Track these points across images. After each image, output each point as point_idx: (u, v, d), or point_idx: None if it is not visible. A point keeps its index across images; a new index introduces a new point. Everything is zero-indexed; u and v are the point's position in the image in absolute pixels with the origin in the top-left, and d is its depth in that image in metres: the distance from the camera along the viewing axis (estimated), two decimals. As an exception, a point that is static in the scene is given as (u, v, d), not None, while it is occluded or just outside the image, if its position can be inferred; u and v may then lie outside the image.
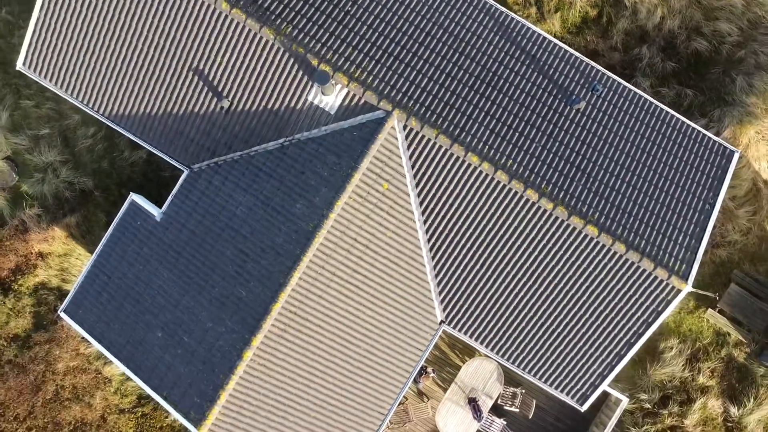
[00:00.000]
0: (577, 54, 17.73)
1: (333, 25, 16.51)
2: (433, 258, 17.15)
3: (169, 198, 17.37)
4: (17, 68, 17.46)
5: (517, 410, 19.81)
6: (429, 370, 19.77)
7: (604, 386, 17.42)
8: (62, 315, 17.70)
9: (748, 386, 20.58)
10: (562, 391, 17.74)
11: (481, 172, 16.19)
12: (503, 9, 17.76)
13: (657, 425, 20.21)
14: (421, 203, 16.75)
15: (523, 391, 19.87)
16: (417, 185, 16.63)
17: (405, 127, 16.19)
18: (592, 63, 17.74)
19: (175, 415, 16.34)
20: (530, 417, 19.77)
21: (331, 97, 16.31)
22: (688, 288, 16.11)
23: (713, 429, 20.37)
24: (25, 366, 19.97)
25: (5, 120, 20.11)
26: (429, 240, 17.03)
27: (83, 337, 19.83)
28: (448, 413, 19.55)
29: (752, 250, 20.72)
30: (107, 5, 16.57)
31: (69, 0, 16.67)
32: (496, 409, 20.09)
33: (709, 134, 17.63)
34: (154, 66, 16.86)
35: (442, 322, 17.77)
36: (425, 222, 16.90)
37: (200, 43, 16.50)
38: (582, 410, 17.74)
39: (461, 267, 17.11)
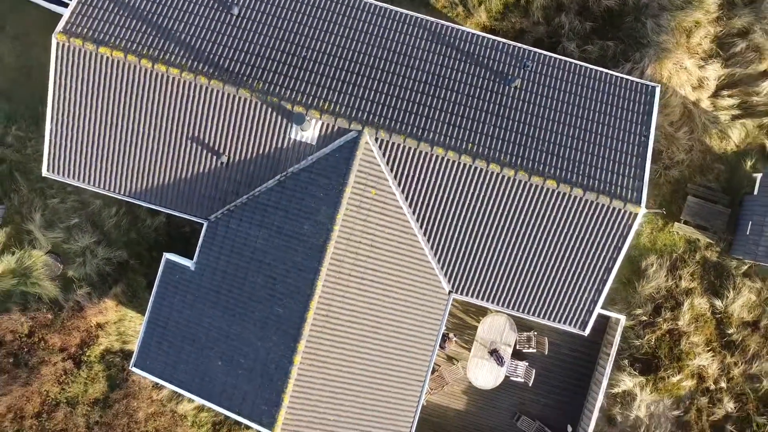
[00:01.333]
0: (504, 40, 20.71)
1: (295, 72, 19.47)
2: (428, 241, 20.11)
3: (198, 248, 20.33)
4: (43, 175, 20.43)
5: (534, 350, 22.77)
6: (451, 335, 22.76)
7: (597, 310, 20.35)
8: (134, 369, 20.66)
9: (725, 280, 23.54)
10: (564, 323, 20.68)
11: (449, 160, 19.15)
12: (434, 20, 20.71)
13: (656, 333, 23.18)
14: (406, 198, 19.70)
15: (535, 333, 22.83)
16: (399, 184, 19.59)
17: (377, 139, 19.16)
18: (518, 44, 20.72)
19: (251, 424, 19.29)
20: (546, 353, 22.74)
21: (310, 132, 19.28)
22: (642, 211, 19.05)
23: (704, 323, 23.33)
24: (111, 423, 22.96)
25: (39, 220, 23.08)
26: (421, 227, 19.98)
27: (155, 384, 22.82)
28: (477, 368, 22.52)
29: (698, 163, 23.69)
30: (108, 107, 19.51)
31: (74, 108, 19.62)
32: (517, 355, 23.04)
33: (630, 77, 20.59)
34: (157, 143, 19.81)
35: (450, 292, 20.73)
36: (414, 212, 19.84)
37: (192, 115, 19.44)
38: (585, 335, 20.68)
39: (454, 242, 20.06)
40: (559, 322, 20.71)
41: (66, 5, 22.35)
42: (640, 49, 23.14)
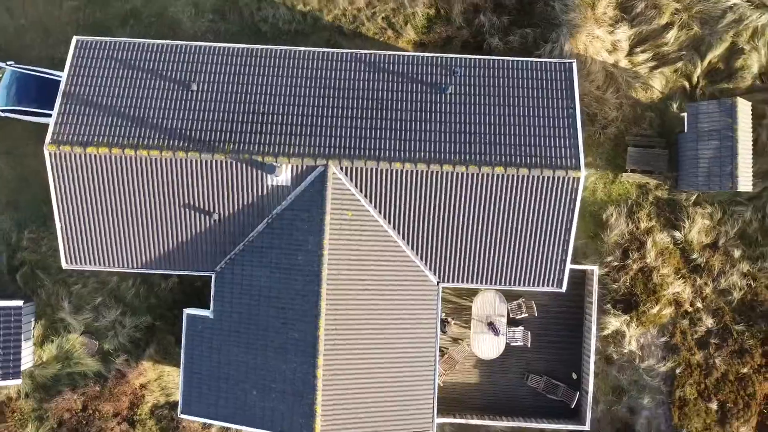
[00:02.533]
0: (431, 54, 23.39)
1: (258, 127, 22.12)
2: (408, 243, 22.76)
3: (212, 299, 23.00)
4: (63, 268, 23.11)
5: (526, 315, 25.41)
6: (449, 320, 25.42)
7: (568, 267, 22.96)
8: (182, 416, 23.35)
9: (679, 212, 26.19)
10: (543, 285, 23.29)
11: (408, 171, 21.80)
12: (369, 51, 23.32)
13: (629, 274, 25.82)
14: (380, 211, 22.36)
15: (523, 299, 25.47)
16: (371, 201, 22.24)
17: (342, 168, 21.82)
18: (444, 55, 23.38)
19: (294, 438, 21.95)
20: (536, 315, 25.38)
21: (283, 176, 21.94)
22: (583, 173, 21.69)
23: (669, 255, 25.97)
24: (175, 467, 25.71)
25: (68, 307, 25.77)
26: (399, 232, 22.62)
27: (203, 425, 25.52)
28: (480, 342, 25.15)
29: (631, 116, 26.32)
30: (106, 195, 22.16)
31: (78, 204, 22.28)
32: (513, 322, 25.66)
33: (547, 59, 23.22)
34: (156, 216, 22.44)
35: (438, 282, 23.38)
36: (390, 222, 22.50)
37: (179, 185, 22.09)
38: (564, 291, 23.29)
39: (430, 239, 22.70)
40: (539, 285, 23.32)
41: (41, 115, 24.96)
42: (555, 29, 25.77)
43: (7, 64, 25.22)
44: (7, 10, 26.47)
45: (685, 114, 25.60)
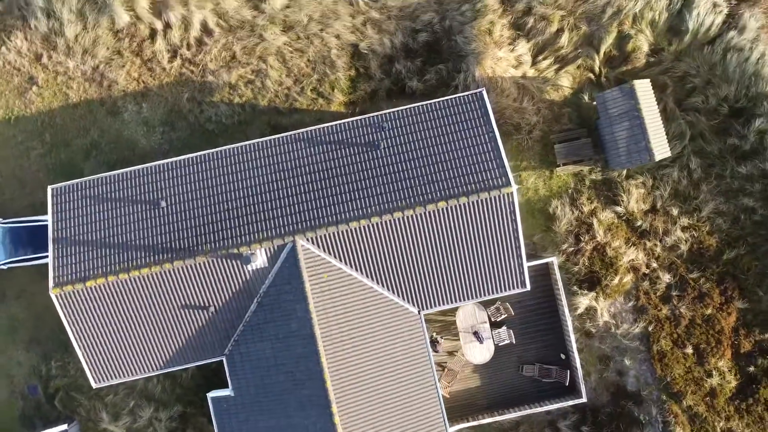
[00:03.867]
0: (359, 117, 26.24)
1: (227, 224, 25.01)
2: (383, 285, 25.62)
3: (228, 379, 25.88)
4: (94, 387, 26.01)
5: (506, 315, 28.27)
6: (438, 339, 28.28)
7: (525, 267, 25.76)
8: (231, 486, 26.25)
9: (615, 188, 29.04)
10: (511, 289, 26.12)
11: (366, 226, 24.66)
12: (306, 129, 26.11)
13: (585, 255, 28.68)
14: (351, 265, 25.22)
15: (499, 303, 28.32)
16: (341, 259, 25.11)
17: (308, 239, 24.71)
18: (370, 115, 26.24)
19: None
20: (514, 314, 28.24)
21: (259, 259, 24.81)
22: (514, 188, 24.55)
23: (617, 229, 28.82)
24: None
25: (107, 418, 28.67)
26: (372, 278, 25.49)
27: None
28: (472, 351, 28.01)
29: (550, 117, 29.19)
30: (115, 315, 25.05)
31: (92, 330, 25.18)
32: (496, 324, 28.50)
33: (460, 94, 26.05)
34: (162, 322, 25.33)
35: (419, 311, 26.24)
36: (362, 272, 25.36)
37: (174, 291, 24.96)
38: (528, 289, 26.12)
39: (401, 276, 25.54)
40: (506, 290, 26.15)
41: (39, 258, 27.85)
42: (463, 60, 28.63)
43: (-4, 223, 28.17)
44: (-18, 172, 29.43)
45: (595, 102, 28.43)
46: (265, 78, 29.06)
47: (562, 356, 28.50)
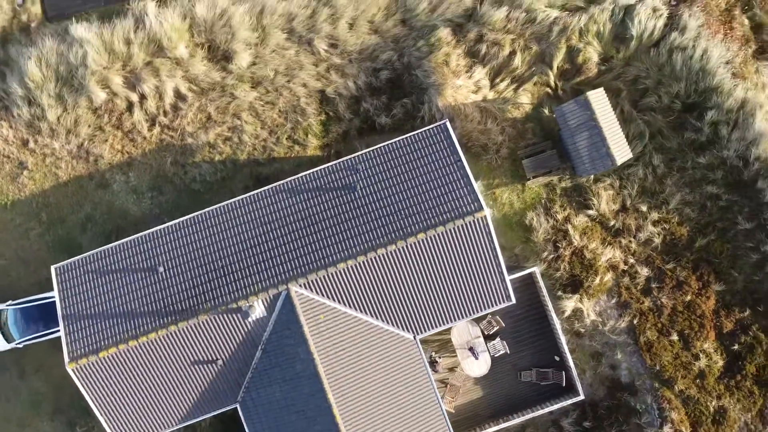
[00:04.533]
0: (333, 162, 27.71)
1: (222, 281, 26.52)
2: (377, 318, 27.12)
3: (245, 425, 27.39)
4: (119, 448, 27.56)
5: (498, 327, 29.76)
6: (436, 359, 29.78)
7: (508, 282, 27.23)
8: None
9: (586, 193, 30.53)
10: (496, 304, 27.60)
11: (353, 265, 26.16)
12: (284, 181, 27.64)
13: (565, 260, 30.16)
14: (345, 303, 26.71)
15: (489, 317, 29.80)
16: (334, 299, 26.61)
17: (301, 285, 26.21)
18: (344, 159, 27.72)
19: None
20: (504, 325, 29.73)
21: (258, 310, 26.32)
22: (486, 211, 26.05)
23: (591, 231, 30.31)
24: None
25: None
26: (366, 312, 26.98)
27: None
28: (470, 365, 29.51)
29: (514, 134, 30.69)
30: (132, 381, 26.57)
31: (111, 398, 26.70)
32: (489, 337, 29.99)
33: (424, 129, 27.50)
34: (176, 380, 26.86)
35: (414, 336, 27.74)
36: (355, 308, 26.86)
37: (183, 349, 26.48)
38: (514, 301, 27.59)
39: (393, 306, 27.03)
40: (493, 306, 27.63)
41: (51, 333, 29.39)
42: (425, 93, 30.13)
43: (6, 305, 29.63)
44: (-13, 258, 30.97)
45: (555, 115, 29.93)
46: (242, 133, 30.58)
47: (557, 358, 29.99)
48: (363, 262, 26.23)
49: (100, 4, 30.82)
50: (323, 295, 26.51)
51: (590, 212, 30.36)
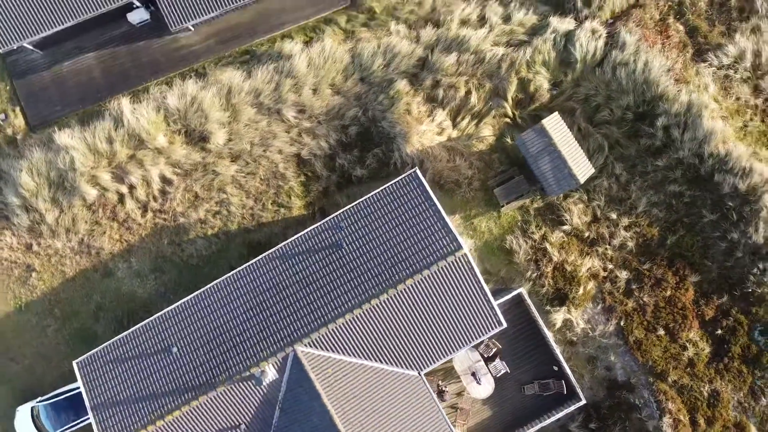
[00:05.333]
0: (317, 224, 29.56)
1: (234, 351, 28.44)
2: (381, 361, 29.03)
3: (274, 479, 29.30)
4: None
5: (495, 349, 31.66)
6: (443, 388, 31.70)
7: (498, 310, 29.09)
8: None
9: (558, 210, 32.44)
10: (489, 331, 29.45)
11: (350, 319, 28.05)
12: (273, 249, 29.51)
13: (547, 276, 32.05)
14: (349, 353, 28.62)
15: (487, 341, 31.70)
16: (339, 351, 28.51)
17: (306, 344, 28.12)
18: (325, 219, 29.57)
19: None
20: (501, 346, 31.64)
21: (270, 374, 28.23)
22: (465, 249, 27.93)
23: (569, 245, 32.22)
24: None
25: None
26: (369, 358, 28.89)
27: None
28: (475, 389, 31.43)
29: (483, 166, 32.60)
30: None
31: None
32: (489, 359, 31.88)
33: (397, 180, 29.36)
34: (203, 451, 28.84)
35: (419, 372, 29.65)
36: (359, 356, 28.76)
37: (209, 420, 28.38)
38: (505, 326, 29.45)
39: (394, 348, 28.92)
40: (486, 333, 29.49)
41: (82, 421, 31.31)
42: (393, 142, 32.05)
43: (37, 402, 31.56)
44: (11, 360, 32.81)
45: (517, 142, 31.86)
46: (229, 205, 32.52)
47: (555, 368, 31.88)
48: (359, 315, 28.13)
49: (78, 108, 32.75)
50: (328, 350, 28.43)
51: (565, 227, 32.26)
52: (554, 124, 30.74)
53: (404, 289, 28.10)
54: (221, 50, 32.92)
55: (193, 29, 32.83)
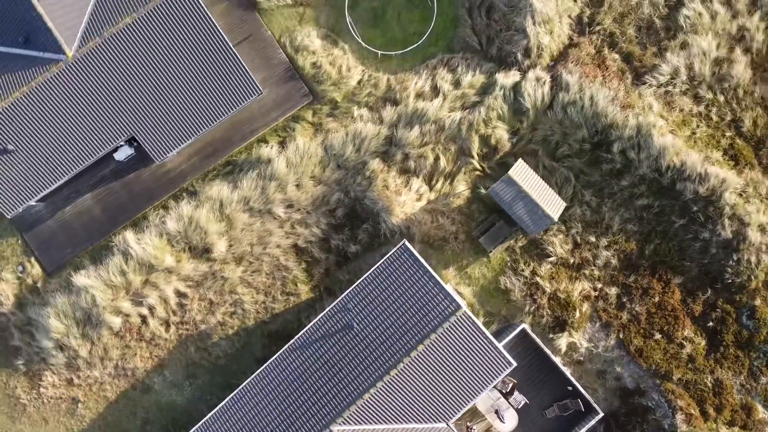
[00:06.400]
0: (325, 311, 32.10)
1: None
2: (409, 421, 31.62)
3: None
4: None
5: (512, 384, 34.24)
6: (471, 427, 34.30)
7: (504, 352, 31.68)
8: None
9: (541, 244, 35.00)
10: (500, 373, 31.98)
11: (375, 392, 30.60)
12: (294, 339, 32.09)
13: (544, 307, 34.62)
14: (379, 422, 31.18)
15: (503, 379, 34.28)
16: (369, 422, 31.07)
17: (339, 423, 30.69)
18: (333, 302, 32.11)
19: None
20: (517, 380, 34.25)
21: (313, 457, 30.84)
22: (464, 308, 30.51)
23: (557, 274, 34.77)
24: None
25: None
26: (399, 421, 31.46)
27: None
28: (500, 425, 34.02)
29: (465, 219, 35.16)
30: None
31: None
32: (509, 393, 34.45)
33: (390, 254, 31.88)
34: None
35: (446, 423, 32.22)
36: (389, 422, 31.32)
37: None
38: (515, 365, 32.01)
39: (418, 408, 31.52)
40: (498, 375, 32.06)
41: None
42: (378, 216, 34.63)
43: None
44: (76, 486, 35.45)
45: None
46: (242, 304, 35.14)
47: (569, 388, 34.48)
48: (383, 386, 30.74)
49: (87, 246, 35.39)
50: (360, 423, 31.03)
51: (551, 259, 34.84)
52: (520, 172, 33.32)
53: (417, 355, 30.70)
54: (205, 165, 35.52)
55: (176, 153, 35.43)
